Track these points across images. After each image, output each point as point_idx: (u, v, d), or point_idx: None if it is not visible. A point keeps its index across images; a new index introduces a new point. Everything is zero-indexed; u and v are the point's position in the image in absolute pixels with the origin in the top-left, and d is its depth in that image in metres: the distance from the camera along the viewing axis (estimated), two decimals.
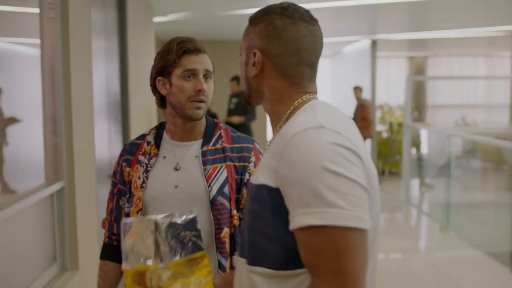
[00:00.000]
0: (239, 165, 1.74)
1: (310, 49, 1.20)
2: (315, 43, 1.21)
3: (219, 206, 1.69)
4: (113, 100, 4.35)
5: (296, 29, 1.19)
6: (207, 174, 1.71)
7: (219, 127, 1.81)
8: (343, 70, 12.42)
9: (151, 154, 1.78)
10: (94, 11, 3.62)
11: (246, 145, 1.78)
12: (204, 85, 1.71)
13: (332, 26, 8.80)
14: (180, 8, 6.86)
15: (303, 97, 1.21)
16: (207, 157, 1.73)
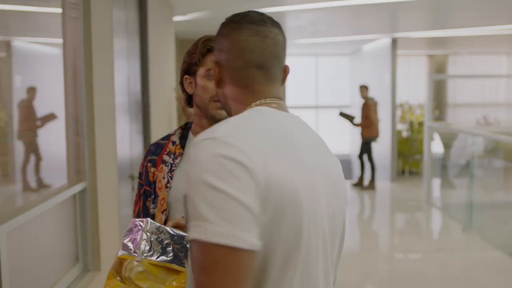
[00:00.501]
0: None
1: (256, 50, 1.17)
2: (262, 43, 1.17)
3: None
4: (134, 99, 4.34)
5: (240, 32, 1.17)
6: None
7: None
8: (362, 68, 12.32)
9: (176, 154, 1.76)
10: (115, 11, 3.61)
11: None
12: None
13: (352, 24, 8.73)
14: (200, 7, 6.85)
15: (257, 102, 1.18)
16: None
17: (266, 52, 1.17)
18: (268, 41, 1.17)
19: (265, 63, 1.18)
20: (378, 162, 10.79)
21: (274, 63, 1.19)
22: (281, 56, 1.20)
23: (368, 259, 5.65)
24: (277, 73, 1.20)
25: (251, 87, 1.19)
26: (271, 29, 1.18)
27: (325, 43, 11.19)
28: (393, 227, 7.36)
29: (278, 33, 1.19)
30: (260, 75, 1.18)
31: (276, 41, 1.19)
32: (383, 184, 10.02)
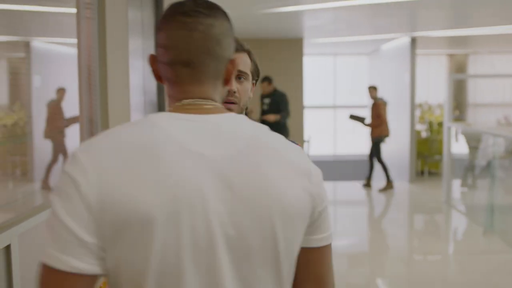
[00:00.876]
0: None
1: (181, 45, 1.04)
2: (188, 38, 1.03)
3: None
4: (149, 99, 4.33)
5: (168, 25, 1.05)
6: None
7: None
8: (381, 68, 12.20)
9: None
10: (130, 10, 3.59)
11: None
12: (234, 86, 1.63)
13: (371, 23, 8.64)
14: None
15: (179, 103, 1.07)
16: None
17: (193, 48, 1.04)
18: (195, 35, 1.03)
19: (192, 60, 1.05)
20: (396, 163, 10.68)
21: (205, 59, 1.05)
22: (216, 51, 1.06)
23: (386, 262, 5.57)
24: (210, 70, 1.06)
25: (178, 85, 1.08)
26: (202, 20, 1.04)
27: (343, 43, 11.10)
28: (412, 229, 7.26)
29: (212, 24, 1.04)
30: (186, 73, 1.06)
31: (206, 34, 1.04)
32: (401, 185, 9.91)
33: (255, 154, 1.02)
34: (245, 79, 1.66)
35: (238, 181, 0.99)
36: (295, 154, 1.09)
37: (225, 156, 1.00)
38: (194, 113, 1.04)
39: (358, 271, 5.25)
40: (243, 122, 1.07)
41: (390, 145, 11.19)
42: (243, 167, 1.00)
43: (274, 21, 8.01)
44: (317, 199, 1.08)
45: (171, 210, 0.94)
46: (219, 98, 1.12)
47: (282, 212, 1.01)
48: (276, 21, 8.06)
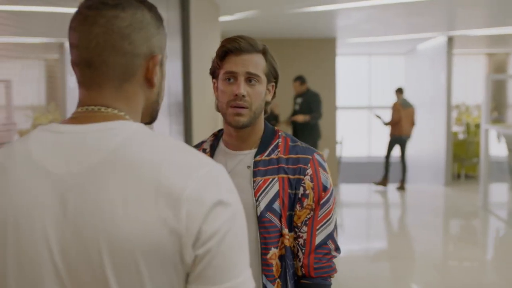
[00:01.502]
0: (293, 178, 1.56)
1: (81, 43, 0.91)
2: (88, 33, 0.90)
3: (267, 224, 1.54)
4: (175, 100, 4.29)
5: (72, 22, 0.93)
6: (256, 186, 1.56)
7: (278, 135, 1.65)
8: (417, 68, 11.95)
9: None
10: None
11: (304, 156, 1.59)
12: (241, 89, 1.54)
13: (405, 22, 8.44)
14: (247, 7, 6.77)
15: (74, 112, 0.95)
16: (259, 167, 1.57)
17: (93, 45, 0.90)
18: (95, 30, 0.89)
19: (92, 59, 0.91)
20: (432, 165, 10.44)
21: (107, 58, 0.90)
22: (124, 47, 0.91)
23: (418, 268, 5.41)
24: (115, 70, 0.91)
25: (79, 89, 0.95)
26: (104, 13, 0.89)
27: (378, 42, 10.91)
28: (447, 234, 7.06)
29: (116, 16, 0.90)
30: (88, 74, 0.92)
31: (107, 28, 0.89)
32: (436, 188, 9.66)
33: (107, 172, 0.84)
34: (257, 82, 1.57)
35: (75, 204, 0.84)
36: (172, 175, 0.84)
37: (73, 174, 0.86)
38: (75, 123, 0.91)
39: (389, 277, 5.11)
40: (117, 133, 0.88)
41: (425, 147, 10.95)
42: (85, 187, 0.85)
43: (307, 20, 7.90)
44: (186, 237, 0.82)
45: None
46: (134, 102, 0.96)
47: (114, 250, 0.82)
48: (308, 21, 7.96)
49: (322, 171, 1.59)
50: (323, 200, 1.57)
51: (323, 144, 9.59)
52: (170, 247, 0.82)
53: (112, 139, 0.87)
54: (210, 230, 0.83)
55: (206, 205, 0.84)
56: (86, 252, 0.83)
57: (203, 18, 5.41)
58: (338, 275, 5.09)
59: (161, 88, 1.02)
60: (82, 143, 0.88)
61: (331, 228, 1.59)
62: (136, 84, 0.95)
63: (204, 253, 0.83)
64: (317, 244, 1.56)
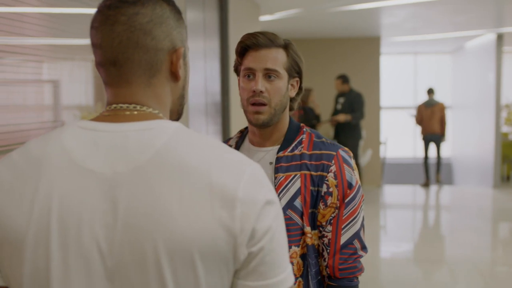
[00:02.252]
0: (316, 174, 1.51)
1: (105, 43, 0.91)
2: (111, 32, 0.90)
3: (287, 221, 1.49)
4: (212, 100, 4.30)
5: (93, 22, 0.93)
6: (277, 183, 1.52)
7: (303, 131, 1.61)
8: (465, 67, 11.62)
9: None
10: (190, 11, 3.57)
11: (328, 152, 1.54)
12: (259, 85, 1.51)
13: (452, 20, 8.22)
14: (288, 6, 6.73)
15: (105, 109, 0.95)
16: (281, 163, 1.54)
17: (116, 43, 0.90)
18: (117, 28, 0.90)
19: (117, 58, 0.91)
20: (479, 167, 10.14)
21: (132, 55, 0.91)
22: (147, 42, 0.91)
23: (465, 272, 5.24)
24: (140, 67, 0.92)
25: (108, 88, 0.95)
26: (124, 11, 0.90)
27: (424, 41, 10.66)
28: (495, 238, 6.82)
29: (137, 13, 0.90)
30: (114, 73, 0.92)
31: (129, 25, 0.90)
32: (484, 191, 9.37)
33: (156, 172, 0.84)
34: (276, 77, 1.54)
35: (126, 204, 0.84)
36: (223, 175, 0.85)
37: (119, 174, 0.85)
38: (110, 121, 0.91)
39: (433, 281, 4.97)
40: (159, 133, 0.88)
41: (472, 148, 10.65)
42: (135, 187, 0.84)
43: (350, 19, 7.80)
44: (240, 236, 0.84)
45: (41, 232, 0.85)
46: (163, 98, 0.96)
47: (171, 249, 0.82)
48: (352, 19, 7.85)
49: (347, 167, 1.53)
50: (348, 198, 1.52)
51: (367, 145, 9.46)
52: (225, 246, 0.84)
53: (155, 139, 0.87)
54: (262, 228, 0.86)
55: (258, 205, 0.86)
56: (140, 253, 0.83)
57: (242, 18, 5.40)
58: (381, 278, 5.01)
59: (185, 81, 1.02)
60: (125, 142, 0.88)
61: (357, 227, 1.54)
62: (163, 79, 0.95)
63: (258, 251, 0.86)
64: (342, 244, 1.52)
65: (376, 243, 6.24)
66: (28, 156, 0.90)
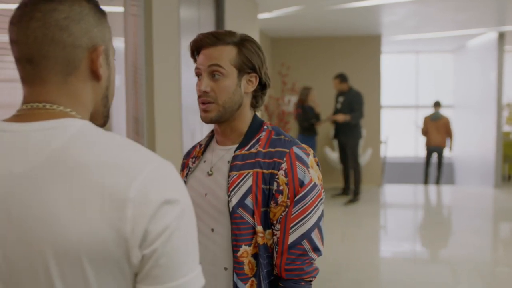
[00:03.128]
0: (267, 172, 1.49)
1: (20, 39, 0.88)
2: (26, 29, 0.88)
3: (238, 220, 1.49)
4: None
5: (11, 18, 0.91)
6: (230, 181, 1.51)
7: (263, 129, 1.59)
8: (467, 66, 11.55)
9: (197, 157, 1.67)
10: (184, 9, 3.52)
11: (281, 149, 1.51)
12: (202, 85, 1.51)
13: (453, 18, 8.16)
14: (287, 3, 6.67)
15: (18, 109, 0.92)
16: (236, 162, 1.53)
17: (31, 40, 0.87)
18: (33, 24, 0.87)
19: (32, 55, 0.88)
20: (480, 166, 10.08)
21: (47, 52, 0.88)
22: (64, 39, 0.88)
23: (464, 273, 5.19)
24: (56, 64, 0.89)
25: (23, 86, 0.92)
26: (41, 7, 0.88)
27: (425, 39, 10.60)
28: (496, 238, 6.76)
29: (53, 9, 0.88)
30: (30, 71, 0.90)
31: (45, 22, 0.87)
32: (485, 191, 9.30)
33: (49, 174, 0.82)
34: (221, 75, 1.50)
35: (18, 207, 0.82)
36: (116, 175, 0.82)
37: (15, 175, 0.83)
38: (17, 121, 0.88)
39: (433, 282, 4.92)
40: (61, 132, 0.86)
41: (473, 147, 10.59)
42: (28, 190, 0.82)
43: (350, 17, 7.75)
44: (132, 238, 0.80)
45: None
46: (82, 97, 0.93)
47: (59, 253, 0.80)
48: (352, 17, 7.80)
49: (299, 165, 1.49)
50: (298, 196, 1.47)
51: (367, 144, 9.41)
52: (116, 250, 0.81)
53: (55, 139, 0.85)
54: (157, 230, 0.82)
55: (152, 205, 0.82)
56: (30, 257, 0.81)
57: (240, 16, 5.36)
58: (381, 278, 4.96)
59: (109, 82, 0.99)
60: (24, 142, 0.85)
61: (308, 226, 1.48)
62: (81, 77, 0.92)
63: (151, 253, 0.82)
64: (290, 244, 1.47)
65: (376, 242, 6.19)
66: None
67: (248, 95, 1.57)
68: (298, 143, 1.55)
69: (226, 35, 1.53)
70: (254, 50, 1.55)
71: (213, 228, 1.54)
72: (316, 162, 1.54)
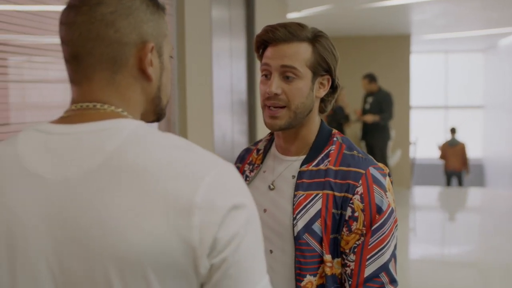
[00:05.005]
0: (340, 195, 1.31)
1: (67, 36, 0.84)
2: (72, 24, 0.83)
3: (303, 247, 1.31)
4: (238, 99, 4.23)
5: (60, 16, 0.86)
6: (296, 202, 1.33)
7: (332, 141, 1.39)
8: (498, 66, 11.34)
9: (255, 165, 1.48)
10: (216, 9, 3.51)
11: (356, 169, 1.32)
12: (272, 86, 1.31)
13: (484, 17, 8.01)
14: (316, 3, 6.62)
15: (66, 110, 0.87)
16: (303, 179, 1.35)
17: (76, 35, 0.82)
18: (78, 19, 0.82)
19: (77, 51, 0.83)
20: (508, 168, 9.89)
21: (92, 48, 0.82)
22: (109, 34, 0.82)
23: (495, 278, 5.08)
24: (102, 60, 0.83)
25: (71, 86, 0.86)
26: (87, 1, 0.82)
27: (455, 39, 10.44)
28: None
29: (99, 2, 0.82)
30: (76, 68, 0.84)
31: (90, 16, 0.82)
32: None
33: (107, 178, 0.76)
34: (295, 77, 1.33)
35: (73, 212, 0.76)
36: (180, 180, 0.76)
37: (70, 180, 0.78)
38: (66, 123, 0.83)
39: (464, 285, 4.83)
40: (115, 133, 0.80)
41: (504, 149, 10.39)
42: (84, 196, 0.76)
43: (379, 16, 7.66)
44: (200, 248, 0.74)
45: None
46: (130, 96, 0.87)
47: (121, 264, 0.74)
48: (381, 16, 7.71)
49: (377, 189, 1.31)
50: (376, 224, 1.29)
51: (396, 145, 9.29)
52: (183, 259, 0.75)
53: (109, 141, 0.79)
54: (226, 237, 0.76)
55: (220, 211, 0.76)
56: (89, 268, 0.76)
57: (269, 15, 5.34)
58: (410, 282, 4.89)
59: (161, 82, 0.91)
60: (76, 145, 0.80)
61: (386, 257, 1.31)
62: (129, 76, 0.86)
63: (220, 262, 0.76)
64: (367, 276, 1.30)
65: (405, 245, 6.10)
66: None
67: (317, 100, 1.39)
68: (374, 162, 1.37)
69: (302, 29, 1.34)
70: (329, 48, 1.37)
71: (272, 250, 1.38)
72: (391, 181, 1.38)
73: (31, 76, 1.97)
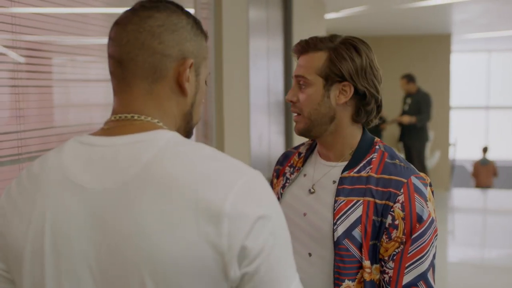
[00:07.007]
0: (380, 203, 1.33)
1: (115, 41, 0.90)
2: (122, 31, 0.89)
3: (343, 252, 1.34)
4: (275, 100, 4.24)
5: (113, 24, 0.93)
6: (337, 207, 1.36)
7: (374, 149, 1.41)
8: None
9: (296, 167, 1.52)
10: (253, 10, 3.53)
11: (398, 178, 1.33)
12: (289, 95, 1.41)
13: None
14: (354, 3, 6.57)
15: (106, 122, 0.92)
16: (344, 185, 1.37)
17: (124, 41, 0.88)
18: (128, 27, 0.88)
19: (122, 57, 0.89)
20: None
21: (136, 55, 0.88)
22: (153, 45, 0.88)
23: None
24: (143, 69, 0.88)
25: (113, 91, 0.93)
26: (140, 13, 0.89)
27: (497, 38, 10.19)
28: None
29: (150, 16, 0.89)
30: (118, 73, 0.90)
31: (139, 26, 0.88)
32: None
33: (141, 188, 0.80)
34: (306, 85, 1.37)
35: (111, 222, 0.81)
36: (210, 188, 0.79)
37: (108, 191, 0.82)
38: (106, 135, 0.88)
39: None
40: (150, 145, 0.84)
41: None
42: (120, 204, 0.81)
43: (419, 16, 7.55)
44: (228, 254, 0.78)
45: (37, 247, 0.84)
46: (167, 108, 0.92)
47: (155, 271, 0.78)
48: (421, 16, 7.60)
49: (418, 198, 1.32)
50: (416, 233, 1.31)
51: (435, 146, 9.14)
52: (213, 265, 0.78)
53: (145, 152, 0.84)
54: (256, 247, 0.79)
55: (248, 220, 0.79)
56: (126, 274, 0.80)
57: (307, 16, 5.32)
58: (448, 285, 4.81)
59: (195, 99, 0.96)
60: (114, 157, 0.85)
61: (425, 267, 1.32)
62: (167, 87, 0.91)
63: (254, 271, 0.80)
64: (405, 284, 1.31)
65: (443, 248, 6.00)
66: (30, 173, 0.90)
67: (344, 107, 1.39)
68: (416, 171, 1.38)
69: (321, 40, 1.39)
70: (349, 56, 1.36)
71: (311, 253, 1.41)
72: (432, 191, 1.39)
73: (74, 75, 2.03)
